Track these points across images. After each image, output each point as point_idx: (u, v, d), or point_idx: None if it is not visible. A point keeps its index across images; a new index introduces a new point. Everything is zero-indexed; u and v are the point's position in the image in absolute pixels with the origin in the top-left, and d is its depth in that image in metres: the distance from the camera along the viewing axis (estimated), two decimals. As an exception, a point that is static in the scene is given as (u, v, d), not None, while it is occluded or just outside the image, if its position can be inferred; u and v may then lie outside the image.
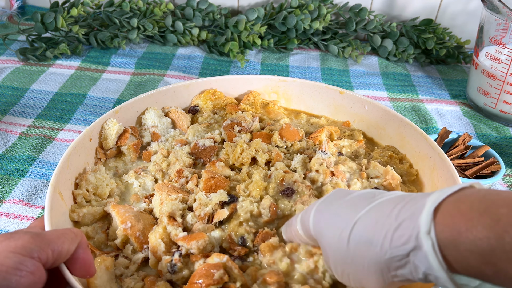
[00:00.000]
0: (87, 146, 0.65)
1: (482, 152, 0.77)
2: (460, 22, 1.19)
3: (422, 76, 1.10)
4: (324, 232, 0.43)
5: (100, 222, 0.59)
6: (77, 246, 0.43)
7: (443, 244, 0.34)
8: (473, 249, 0.32)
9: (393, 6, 1.20)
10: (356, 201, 0.42)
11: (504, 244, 0.31)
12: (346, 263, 0.40)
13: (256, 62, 1.12)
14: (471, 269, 0.33)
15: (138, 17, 1.13)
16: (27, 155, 0.79)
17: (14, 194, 0.71)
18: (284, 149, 0.69)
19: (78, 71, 1.05)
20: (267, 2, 1.21)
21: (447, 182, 0.61)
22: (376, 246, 0.37)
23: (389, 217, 0.38)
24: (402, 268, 0.37)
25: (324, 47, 1.18)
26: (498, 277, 0.32)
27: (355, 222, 0.39)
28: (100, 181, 0.62)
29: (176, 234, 0.53)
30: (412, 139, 0.69)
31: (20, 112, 0.90)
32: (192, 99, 0.78)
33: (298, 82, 0.79)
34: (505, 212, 0.32)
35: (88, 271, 0.44)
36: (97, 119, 0.66)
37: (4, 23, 1.23)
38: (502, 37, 0.87)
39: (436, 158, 0.64)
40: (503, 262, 0.31)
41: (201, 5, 1.16)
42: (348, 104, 0.77)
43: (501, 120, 0.93)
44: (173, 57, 1.12)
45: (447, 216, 0.34)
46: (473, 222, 0.33)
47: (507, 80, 0.88)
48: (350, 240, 0.39)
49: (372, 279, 0.39)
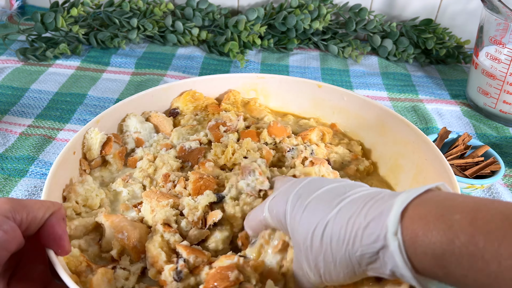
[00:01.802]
0: (71, 159, 0.62)
1: (482, 152, 0.77)
2: (460, 22, 1.19)
3: (422, 76, 1.10)
4: (299, 228, 0.44)
5: (92, 234, 0.56)
6: (51, 214, 0.43)
7: (406, 246, 0.36)
8: (428, 252, 0.35)
9: (393, 6, 1.20)
10: (327, 197, 0.43)
11: (454, 248, 0.33)
12: (318, 259, 0.42)
13: (256, 62, 1.12)
14: (426, 270, 0.36)
15: (138, 17, 1.13)
16: (27, 155, 0.79)
17: (14, 194, 0.71)
18: (273, 146, 0.69)
19: (78, 71, 1.05)
20: (267, 2, 1.21)
21: (433, 164, 0.63)
22: (348, 244, 0.39)
23: (359, 215, 0.39)
24: (373, 263, 0.39)
25: (324, 47, 1.18)
26: (448, 278, 0.35)
27: (328, 221, 0.41)
28: (89, 192, 0.59)
29: (175, 241, 0.51)
30: (393, 125, 0.70)
31: (20, 112, 0.90)
32: (171, 102, 0.77)
33: (277, 78, 0.79)
34: (458, 218, 0.34)
35: (59, 243, 0.44)
36: (79, 131, 0.64)
37: (4, 23, 1.23)
38: (502, 37, 0.87)
39: (419, 141, 0.66)
40: (452, 265, 0.34)
41: (201, 5, 1.16)
42: (326, 96, 0.78)
43: (501, 120, 0.93)
44: (173, 57, 1.13)
45: (409, 219, 0.36)
46: (429, 227, 0.35)
47: (507, 80, 0.88)
48: (323, 238, 0.41)
49: (343, 273, 0.41)
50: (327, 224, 0.41)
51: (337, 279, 0.42)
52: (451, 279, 0.35)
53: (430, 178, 0.63)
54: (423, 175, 0.65)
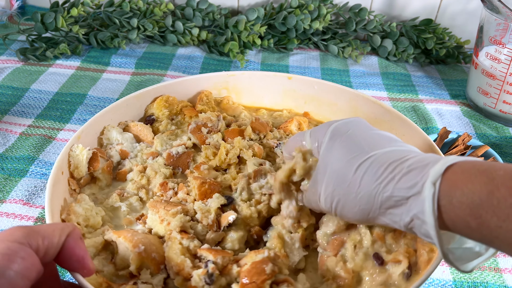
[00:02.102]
0: (61, 180, 0.58)
1: (482, 152, 0.77)
2: (460, 22, 1.19)
3: (422, 76, 1.10)
4: (334, 150, 0.45)
5: (103, 253, 0.53)
6: (67, 235, 0.41)
7: (441, 195, 0.37)
8: (464, 200, 0.36)
9: (393, 6, 1.20)
10: (377, 138, 0.45)
11: (492, 199, 0.35)
12: (341, 186, 0.43)
13: (256, 62, 1.12)
14: (457, 220, 0.37)
15: (138, 17, 1.13)
16: (27, 155, 0.79)
17: (14, 194, 0.71)
18: (259, 142, 0.69)
19: (78, 71, 1.05)
20: (267, 2, 1.21)
21: (412, 138, 0.65)
22: (381, 182, 0.41)
23: (403, 163, 0.41)
24: (395, 208, 0.40)
25: (324, 47, 1.18)
26: (480, 229, 0.36)
27: (371, 156, 0.42)
28: (88, 211, 0.56)
29: (195, 246, 0.51)
30: (365, 107, 0.73)
31: (20, 112, 0.90)
32: (145, 109, 0.75)
33: (247, 74, 0.79)
34: (501, 173, 0.36)
35: (83, 264, 0.43)
36: (62, 150, 0.60)
37: (4, 23, 1.23)
38: (502, 37, 0.87)
39: (394, 119, 0.69)
40: (488, 214, 0.35)
41: (201, 5, 1.16)
42: (297, 87, 0.79)
43: (500, 120, 0.93)
44: (173, 57, 1.13)
45: (452, 172, 0.38)
46: (471, 178, 0.36)
47: (506, 80, 0.88)
48: (359, 168, 0.42)
49: (358, 208, 0.43)
50: (368, 159, 0.42)
51: (347, 213, 0.44)
52: (483, 230, 0.36)
53: None
54: None
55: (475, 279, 0.63)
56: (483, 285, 0.62)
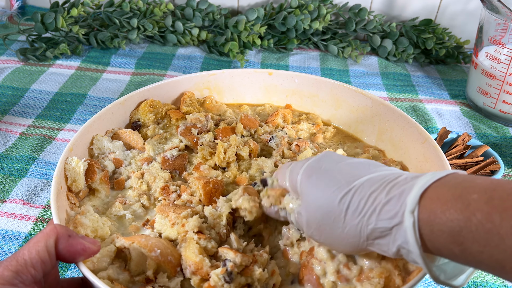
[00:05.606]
0: (60, 195, 0.57)
1: (482, 151, 0.77)
2: (459, 22, 1.19)
3: (422, 76, 1.11)
4: (313, 187, 0.45)
5: (116, 261, 0.52)
6: (54, 242, 0.41)
7: (421, 224, 0.38)
8: (445, 229, 0.36)
9: (392, 6, 1.20)
10: (350, 168, 0.45)
11: (471, 225, 0.35)
12: (325, 222, 0.43)
13: (256, 62, 1.12)
14: (441, 247, 0.37)
15: (138, 17, 1.13)
16: (27, 155, 0.79)
17: (14, 194, 0.71)
18: (250, 138, 0.69)
19: (78, 71, 1.05)
20: (267, 2, 1.22)
21: (397, 122, 0.68)
22: (364, 216, 0.41)
23: (381, 192, 0.41)
24: (381, 238, 0.41)
25: (324, 47, 1.18)
26: (463, 255, 0.36)
27: (351, 189, 0.42)
28: (95, 222, 0.55)
29: (213, 246, 0.51)
30: (347, 97, 0.75)
31: (20, 112, 0.90)
32: (130, 115, 0.74)
33: (227, 73, 0.80)
34: (475, 197, 0.36)
35: (86, 252, 0.44)
36: (57, 164, 0.58)
37: (4, 23, 1.23)
38: (502, 37, 0.87)
39: (378, 105, 0.71)
40: (468, 241, 0.35)
41: (201, 5, 1.16)
42: (278, 82, 0.80)
43: (500, 120, 0.94)
44: (173, 57, 1.13)
45: (428, 199, 0.38)
46: (447, 206, 0.37)
47: (506, 80, 0.88)
48: (340, 202, 0.42)
49: (347, 241, 0.43)
50: (348, 192, 0.42)
51: (337, 247, 0.44)
52: (466, 256, 0.36)
53: (396, 135, 0.69)
54: (387, 134, 0.70)
55: (475, 278, 0.63)
56: (483, 285, 0.62)
